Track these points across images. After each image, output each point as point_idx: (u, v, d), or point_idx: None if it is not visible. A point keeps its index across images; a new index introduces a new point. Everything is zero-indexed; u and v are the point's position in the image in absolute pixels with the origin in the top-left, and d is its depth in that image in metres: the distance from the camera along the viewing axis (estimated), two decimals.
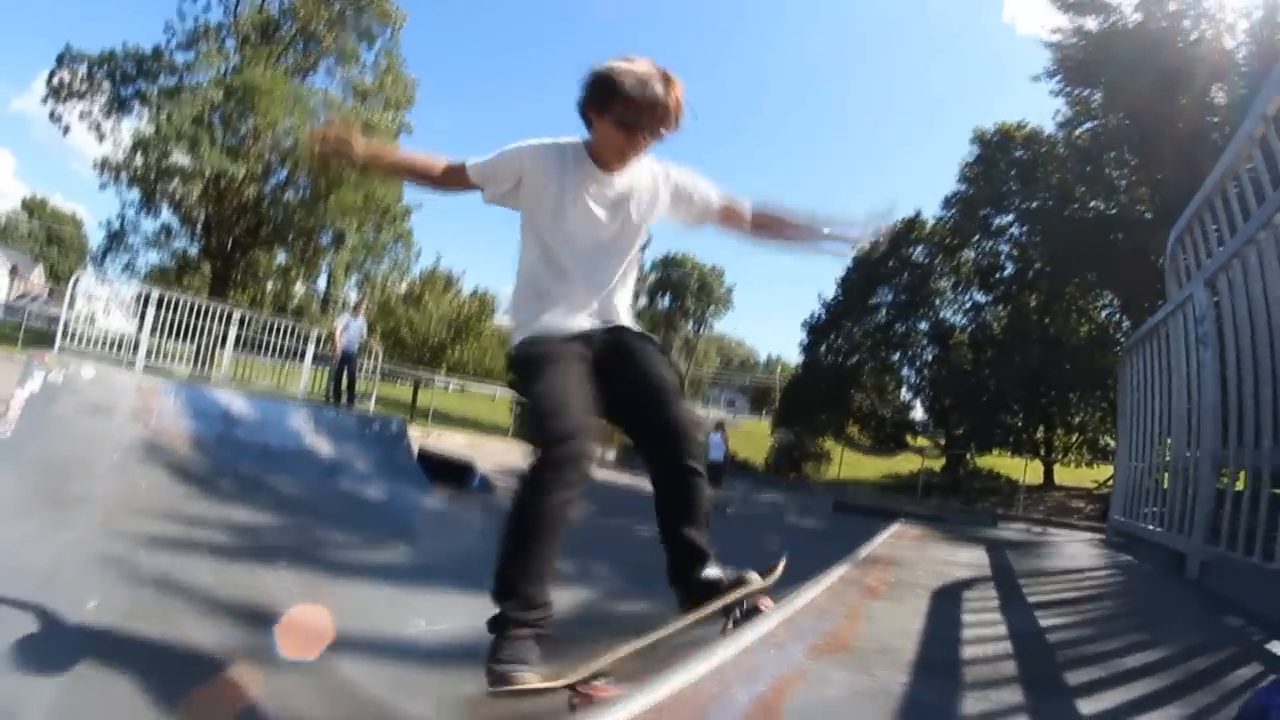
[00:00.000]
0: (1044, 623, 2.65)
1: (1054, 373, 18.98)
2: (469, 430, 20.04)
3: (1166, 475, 4.07)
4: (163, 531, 4.48)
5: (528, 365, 1.72)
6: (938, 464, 21.21)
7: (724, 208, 1.93)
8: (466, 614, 3.61)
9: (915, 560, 3.94)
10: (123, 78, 19.81)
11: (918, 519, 7.20)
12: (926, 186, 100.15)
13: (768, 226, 2.03)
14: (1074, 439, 20.98)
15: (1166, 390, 4.11)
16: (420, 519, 6.94)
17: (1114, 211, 18.15)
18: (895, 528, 5.47)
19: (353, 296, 27.25)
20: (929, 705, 1.64)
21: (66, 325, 7.94)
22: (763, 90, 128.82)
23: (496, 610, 1.66)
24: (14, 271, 52.64)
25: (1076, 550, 5.49)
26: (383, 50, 22.58)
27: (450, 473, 9.30)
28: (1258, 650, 2.19)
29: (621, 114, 1.64)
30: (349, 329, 9.48)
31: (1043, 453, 21.22)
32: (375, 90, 22.56)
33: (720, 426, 12.33)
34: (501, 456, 14.01)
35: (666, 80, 1.65)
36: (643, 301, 32.05)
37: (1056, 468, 21.43)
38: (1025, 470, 16.45)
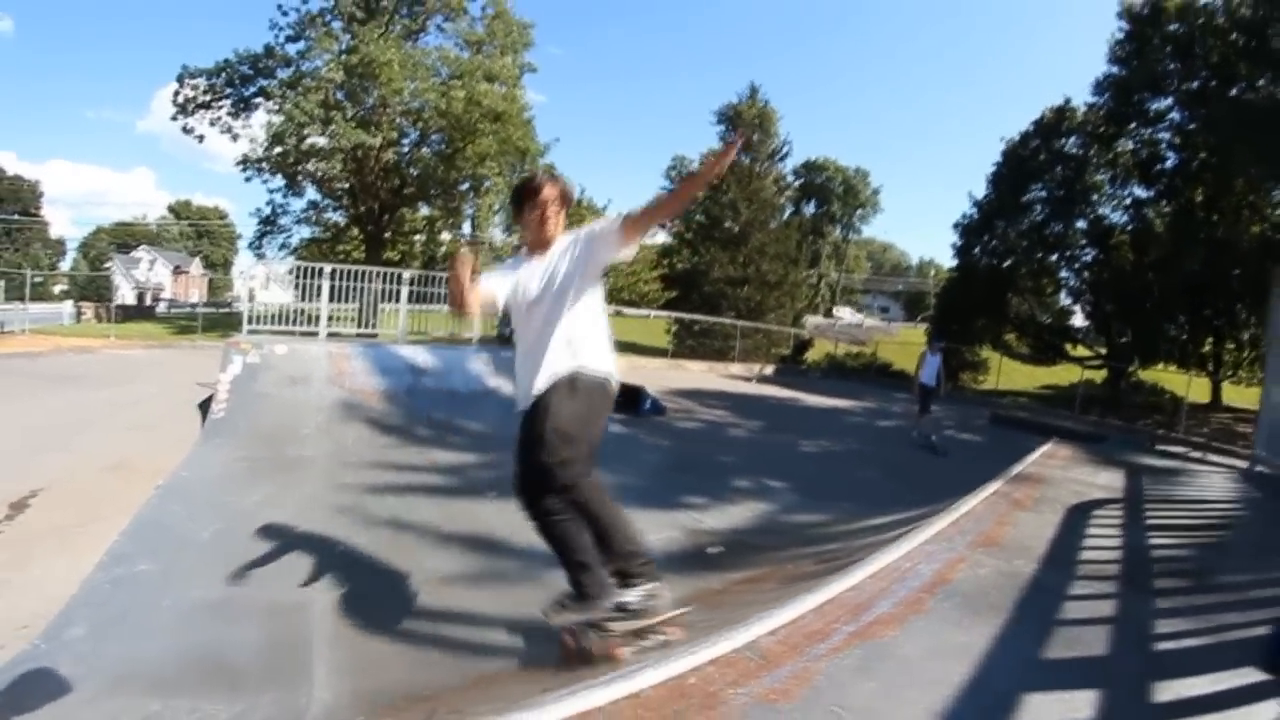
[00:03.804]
0: (1154, 541, 3.22)
1: (1221, 279, 16.85)
2: (628, 354, 20.14)
3: None
4: (379, 479, 4.82)
5: None
6: (1099, 375, 19.61)
7: (626, 217, 2.16)
8: (661, 527, 4.40)
9: (1060, 480, 4.47)
10: (242, 80, 21.20)
11: (1074, 437, 6.90)
12: (1073, 70, 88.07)
13: (676, 193, 2.41)
14: (1245, 355, 18.77)
15: None
16: (602, 444, 7.16)
17: None
18: (1046, 448, 5.72)
19: (499, 238, 28.77)
20: (1047, 584, 2.39)
21: (248, 312, 8.44)
22: None
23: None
24: (176, 270, 58.67)
25: (1211, 482, 5.58)
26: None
27: (622, 397, 9.49)
28: None
29: (528, 209, 2.20)
30: None
31: (1210, 368, 19.28)
32: (487, 39, 22.70)
33: (938, 345, 9.51)
34: (664, 377, 14.40)
35: (551, 178, 2.23)
36: (788, 211, 30.40)
37: (1225, 385, 19.41)
38: (1189, 387, 14.99)
